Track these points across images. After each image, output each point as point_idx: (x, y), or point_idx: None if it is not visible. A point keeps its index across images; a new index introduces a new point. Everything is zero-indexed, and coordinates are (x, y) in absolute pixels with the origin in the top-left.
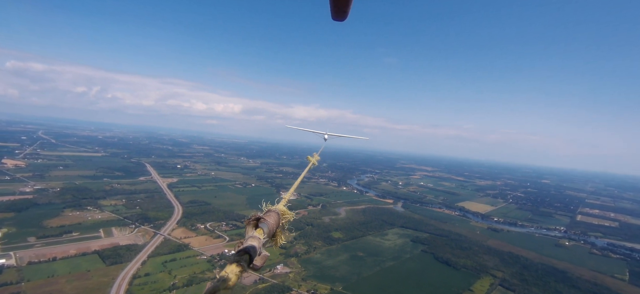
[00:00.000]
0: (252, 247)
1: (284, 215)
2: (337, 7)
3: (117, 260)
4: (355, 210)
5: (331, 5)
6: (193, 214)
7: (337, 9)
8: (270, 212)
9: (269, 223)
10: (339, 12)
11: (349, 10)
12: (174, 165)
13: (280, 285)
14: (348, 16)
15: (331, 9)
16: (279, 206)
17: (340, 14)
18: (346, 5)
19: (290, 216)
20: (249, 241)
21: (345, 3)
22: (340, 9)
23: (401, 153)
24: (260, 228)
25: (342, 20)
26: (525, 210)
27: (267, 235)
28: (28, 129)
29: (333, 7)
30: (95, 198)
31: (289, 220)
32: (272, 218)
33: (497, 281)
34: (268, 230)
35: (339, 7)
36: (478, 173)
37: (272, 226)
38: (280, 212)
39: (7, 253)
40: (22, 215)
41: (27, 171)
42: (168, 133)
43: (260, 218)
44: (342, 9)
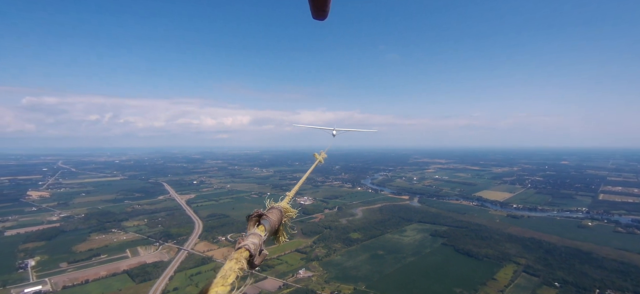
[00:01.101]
0: (252, 244)
1: (287, 212)
2: (316, 6)
3: (146, 278)
4: (372, 209)
5: (310, 5)
6: (213, 227)
7: (316, 8)
8: (272, 209)
9: (271, 220)
10: (318, 11)
11: (329, 9)
12: (190, 181)
13: (304, 289)
14: (328, 15)
15: (311, 8)
16: (282, 204)
17: (319, 13)
18: (325, 4)
19: (293, 213)
20: (249, 238)
21: (324, 2)
22: (319, 8)
23: (413, 148)
24: (262, 225)
25: (322, 19)
26: (545, 193)
27: (269, 232)
28: (48, 161)
29: (312, 6)
30: (118, 220)
31: (291, 217)
32: (274, 215)
33: (521, 268)
34: (270, 227)
35: (317, 6)
36: (493, 161)
37: (274, 224)
38: (282, 209)
39: (43, 279)
40: (52, 243)
41: (52, 200)
42: (181, 151)
43: (263, 215)
44: (321, 8)
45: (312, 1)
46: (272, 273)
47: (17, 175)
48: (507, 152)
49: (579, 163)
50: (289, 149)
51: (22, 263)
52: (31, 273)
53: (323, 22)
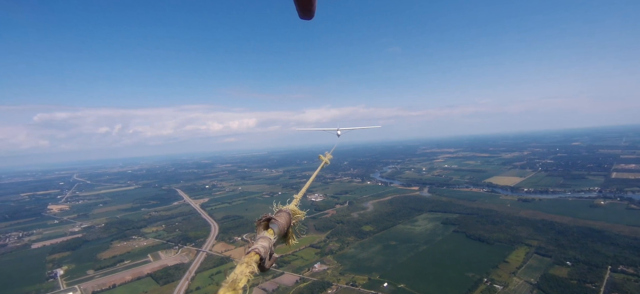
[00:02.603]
0: (262, 248)
1: (295, 214)
2: (301, 5)
3: (169, 279)
4: (382, 202)
5: (296, 5)
6: (229, 228)
7: (301, 8)
8: (281, 212)
9: (280, 223)
10: (304, 10)
11: (314, 8)
12: (202, 186)
13: (320, 282)
14: (314, 14)
15: (296, 8)
16: (290, 206)
17: (305, 13)
18: (310, 4)
19: (301, 215)
20: (259, 242)
21: (309, 1)
22: (304, 7)
23: (421, 140)
24: (271, 228)
25: (308, 18)
26: (556, 176)
27: (278, 235)
28: (63, 175)
29: (297, 6)
30: (137, 227)
31: (300, 219)
32: (283, 218)
33: (533, 250)
34: (279, 230)
35: (303, 6)
36: (503, 147)
37: (283, 226)
38: (291, 212)
39: (72, 287)
40: (77, 252)
41: (72, 212)
42: (190, 157)
43: (271, 219)
44: (306, 8)
45: (297, 1)
46: (289, 268)
47: (36, 191)
48: (516, 137)
49: (590, 144)
50: (296, 149)
51: (51, 273)
52: (61, 281)
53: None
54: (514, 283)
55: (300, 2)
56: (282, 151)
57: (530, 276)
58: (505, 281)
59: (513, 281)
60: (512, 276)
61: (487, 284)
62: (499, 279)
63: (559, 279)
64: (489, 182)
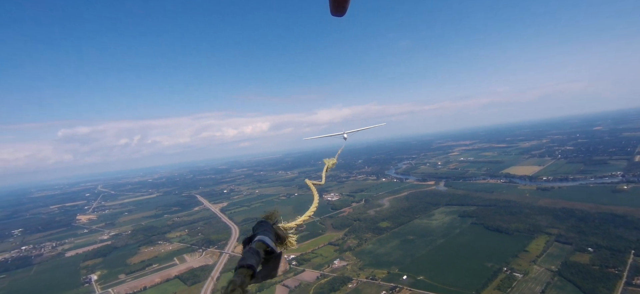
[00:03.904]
0: (252, 263)
1: (291, 243)
2: (336, 1)
3: (196, 280)
4: (398, 198)
5: (330, 1)
6: (249, 231)
7: (336, 4)
8: (267, 227)
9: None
10: (338, 7)
11: (348, 5)
12: (220, 191)
13: (341, 277)
14: (347, 11)
15: (330, 4)
16: (289, 227)
17: (339, 9)
18: (345, 0)
19: (293, 244)
20: (248, 257)
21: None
22: (340, 4)
23: (435, 134)
24: (260, 242)
25: (341, 15)
26: (577, 162)
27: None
28: (88, 186)
29: (332, 2)
30: (162, 233)
31: (292, 246)
32: (271, 234)
33: (553, 238)
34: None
35: (338, 2)
36: (521, 136)
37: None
38: (288, 243)
39: (107, 290)
40: (108, 259)
41: (100, 222)
42: (207, 163)
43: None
44: (341, 4)
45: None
46: (309, 266)
47: (64, 203)
48: (534, 125)
49: (613, 127)
50: (310, 149)
51: (86, 279)
52: (95, 286)
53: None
54: (535, 271)
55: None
56: (296, 153)
57: (550, 264)
58: (526, 269)
59: (533, 269)
60: (532, 265)
61: (506, 273)
62: (519, 268)
63: (581, 265)
64: (506, 173)
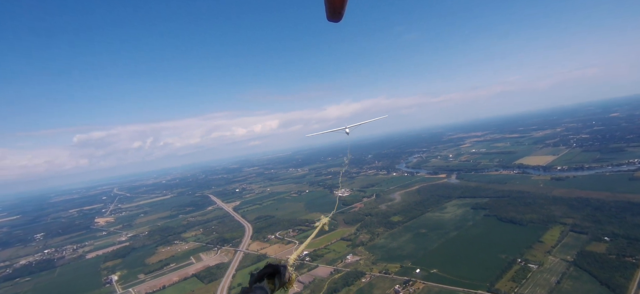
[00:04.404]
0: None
1: (291, 282)
2: (332, 9)
3: (213, 278)
4: (409, 192)
5: (326, 7)
6: (262, 228)
7: (332, 10)
8: (285, 268)
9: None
10: (334, 13)
11: (344, 11)
12: (232, 190)
13: (354, 272)
14: (343, 17)
15: (326, 10)
16: (290, 262)
17: (335, 15)
18: (341, 7)
19: (293, 282)
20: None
21: (340, 5)
22: (335, 10)
23: (446, 126)
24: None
25: (337, 20)
26: (592, 151)
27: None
28: (104, 190)
29: (328, 8)
30: (177, 233)
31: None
32: (284, 275)
33: (568, 228)
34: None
35: (334, 9)
36: (534, 125)
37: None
38: (290, 278)
39: (128, 290)
40: (127, 259)
41: (117, 224)
42: (218, 163)
43: (279, 272)
44: (337, 10)
45: (328, 4)
46: (322, 261)
47: (82, 206)
48: (548, 114)
49: (630, 113)
50: (319, 146)
51: (107, 279)
52: (116, 286)
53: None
54: (550, 262)
55: (332, 5)
56: (306, 150)
57: (566, 254)
58: (540, 260)
59: (548, 260)
60: (547, 255)
61: (521, 265)
62: (534, 259)
63: (597, 255)
64: (519, 163)
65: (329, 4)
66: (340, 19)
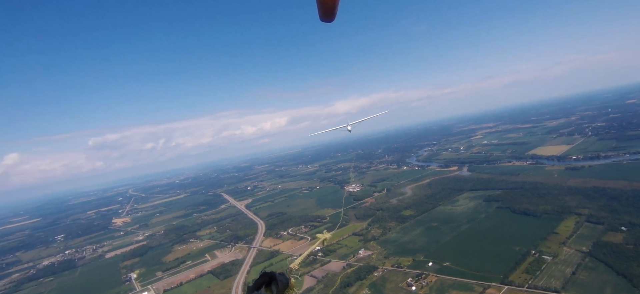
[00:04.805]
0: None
1: (291, 290)
2: (324, 8)
3: (228, 274)
4: (421, 185)
5: (319, 7)
6: (274, 225)
7: (324, 10)
8: (282, 276)
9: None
10: (327, 13)
11: (337, 10)
12: (244, 188)
13: (367, 266)
14: (335, 17)
15: (319, 10)
16: (293, 268)
17: (327, 15)
18: (333, 7)
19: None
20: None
21: (332, 5)
22: (328, 9)
23: (456, 118)
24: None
25: (330, 20)
26: (608, 139)
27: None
28: (120, 191)
29: (320, 8)
30: (192, 231)
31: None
32: (283, 284)
33: (583, 219)
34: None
35: (326, 9)
36: (547, 114)
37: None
38: (291, 285)
39: (147, 287)
40: (145, 258)
41: (134, 224)
42: (229, 162)
43: (274, 279)
44: (329, 10)
45: (320, 4)
46: (335, 256)
47: (100, 208)
48: (562, 102)
49: None
50: (328, 142)
51: (126, 277)
52: (135, 284)
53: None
54: (565, 253)
55: (324, 5)
56: (315, 146)
57: (581, 245)
58: (555, 252)
59: (563, 251)
60: (562, 247)
61: (535, 257)
62: (548, 250)
63: (613, 245)
64: (533, 154)
65: (321, 4)
66: (332, 18)
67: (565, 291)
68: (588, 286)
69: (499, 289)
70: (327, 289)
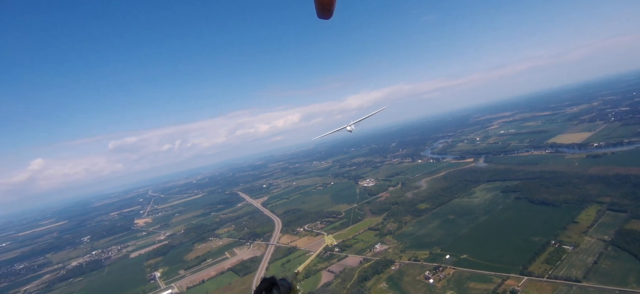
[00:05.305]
0: None
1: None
2: (321, 5)
3: (247, 271)
4: (436, 178)
5: (316, 4)
6: (290, 221)
7: (321, 7)
8: (284, 282)
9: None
10: (324, 10)
11: (334, 8)
12: (260, 186)
13: (383, 260)
14: (333, 14)
15: (316, 7)
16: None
17: (324, 12)
18: (330, 4)
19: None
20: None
21: (329, 1)
22: (325, 7)
23: (472, 108)
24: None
25: (327, 18)
26: (633, 124)
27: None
28: (140, 192)
29: (318, 5)
30: (211, 230)
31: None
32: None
33: (605, 207)
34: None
35: (323, 6)
36: (567, 101)
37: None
38: (293, 286)
39: (171, 285)
40: (167, 257)
41: (155, 224)
42: (244, 161)
43: (276, 283)
44: (326, 7)
45: (317, 2)
46: (351, 251)
47: (122, 209)
48: (582, 87)
49: None
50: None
51: (150, 275)
52: (159, 281)
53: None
54: (586, 243)
55: (320, 2)
56: (328, 142)
57: (603, 234)
58: (576, 241)
59: (584, 240)
60: (583, 236)
61: (555, 247)
62: (569, 240)
63: (637, 233)
64: (552, 142)
65: (318, 1)
66: (330, 15)
67: (587, 280)
68: (610, 275)
69: (518, 280)
70: (345, 283)
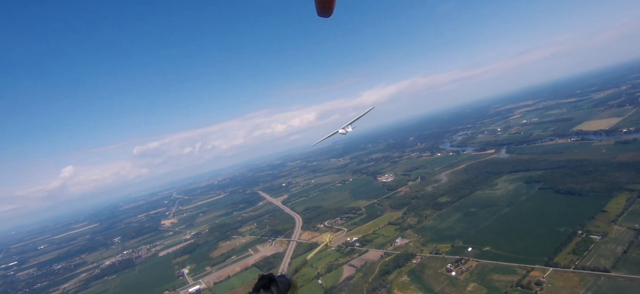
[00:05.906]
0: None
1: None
2: (321, 3)
3: (271, 267)
4: (456, 171)
5: (316, 3)
6: (311, 218)
7: (321, 5)
8: (283, 278)
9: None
10: (324, 8)
11: (334, 6)
12: (279, 185)
13: (404, 254)
14: (333, 12)
15: (316, 6)
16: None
17: (325, 10)
18: (330, 2)
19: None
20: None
21: (330, 0)
22: (325, 5)
23: (492, 98)
24: (272, 290)
25: (327, 16)
26: None
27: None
28: (165, 194)
29: (318, 3)
30: (234, 228)
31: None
32: (283, 286)
33: (635, 195)
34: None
35: (323, 4)
36: (594, 86)
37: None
38: (292, 283)
39: (198, 281)
40: (194, 255)
41: (181, 224)
42: (263, 161)
43: (274, 280)
44: (326, 5)
45: (318, 1)
46: (372, 246)
47: (149, 211)
48: (609, 72)
49: None
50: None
51: (179, 272)
52: (188, 278)
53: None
54: (615, 232)
55: (320, 1)
56: (345, 139)
57: (633, 223)
58: (604, 231)
59: (613, 229)
60: (612, 225)
61: (582, 237)
62: (596, 229)
63: None
64: (578, 130)
65: (318, 1)
66: (330, 14)
67: (616, 270)
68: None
69: (543, 271)
70: (367, 277)
